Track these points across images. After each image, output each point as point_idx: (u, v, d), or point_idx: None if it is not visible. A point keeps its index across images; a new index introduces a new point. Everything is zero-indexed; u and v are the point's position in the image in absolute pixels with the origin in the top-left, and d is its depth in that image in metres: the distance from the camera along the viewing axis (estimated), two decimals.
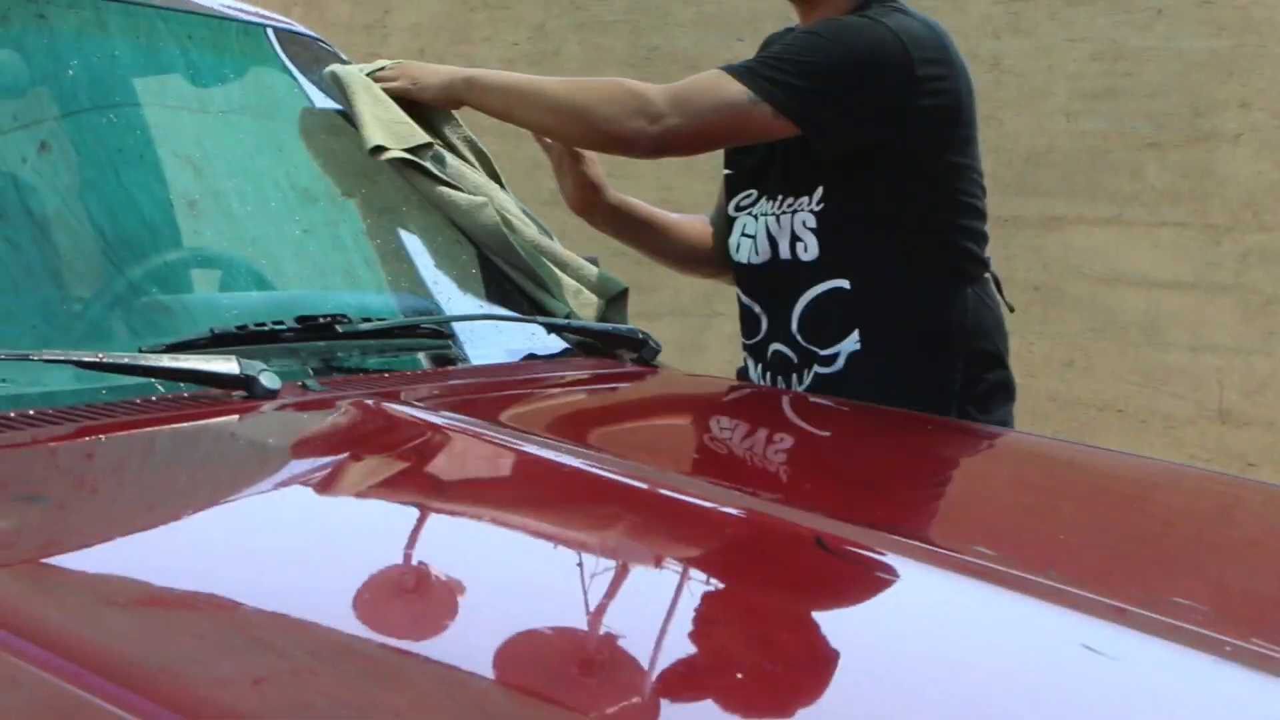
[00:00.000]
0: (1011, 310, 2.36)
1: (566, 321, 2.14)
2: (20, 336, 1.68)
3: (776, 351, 2.31)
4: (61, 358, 1.56)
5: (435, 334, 2.00)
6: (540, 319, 2.12)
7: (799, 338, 2.25)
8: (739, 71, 2.14)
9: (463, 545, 1.33)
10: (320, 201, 2.25)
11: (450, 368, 1.94)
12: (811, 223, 2.21)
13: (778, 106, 2.11)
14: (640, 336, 2.17)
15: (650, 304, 4.56)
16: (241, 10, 2.62)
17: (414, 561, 1.25)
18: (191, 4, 2.49)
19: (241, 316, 1.97)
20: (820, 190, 2.20)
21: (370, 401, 1.65)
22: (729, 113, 2.13)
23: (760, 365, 2.36)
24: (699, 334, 4.54)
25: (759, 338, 2.35)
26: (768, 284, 2.31)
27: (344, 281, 2.21)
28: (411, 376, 1.85)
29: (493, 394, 1.86)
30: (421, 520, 1.40)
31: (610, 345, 2.17)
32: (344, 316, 1.86)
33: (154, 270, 2.06)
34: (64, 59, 2.05)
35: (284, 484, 1.51)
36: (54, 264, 1.88)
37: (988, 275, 2.29)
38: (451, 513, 1.43)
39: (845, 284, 2.21)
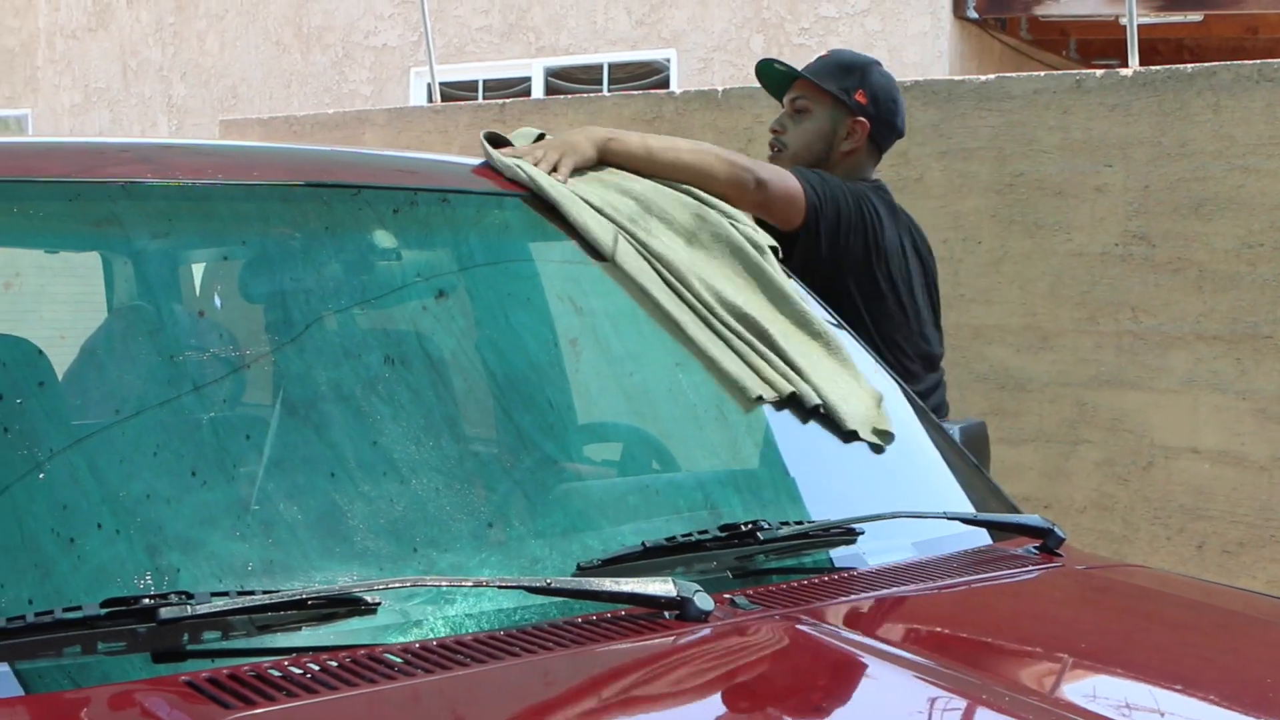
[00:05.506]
0: None
1: (973, 515, 2.13)
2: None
3: None
4: (513, 583, 1.65)
5: (846, 533, 2.02)
6: (949, 514, 2.10)
7: None
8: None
9: None
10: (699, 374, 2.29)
11: (863, 573, 1.95)
12: None
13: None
14: (1046, 526, 2.15)
15: (1013, 430, 4.48)
16: None
17: None
18: None
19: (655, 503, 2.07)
20: None
21: (805, 627, 1.68)
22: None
23: None
24: (1064, 460, 4.43)
25: None
26: None
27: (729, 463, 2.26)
28: (829, 586, 1.87)
29: (917, 611, 1.87)
30: None
31: (1014, 533, 2.15)
32: (764, 522, 1.90)
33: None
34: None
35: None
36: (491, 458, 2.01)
37: None
38: None
39: None
